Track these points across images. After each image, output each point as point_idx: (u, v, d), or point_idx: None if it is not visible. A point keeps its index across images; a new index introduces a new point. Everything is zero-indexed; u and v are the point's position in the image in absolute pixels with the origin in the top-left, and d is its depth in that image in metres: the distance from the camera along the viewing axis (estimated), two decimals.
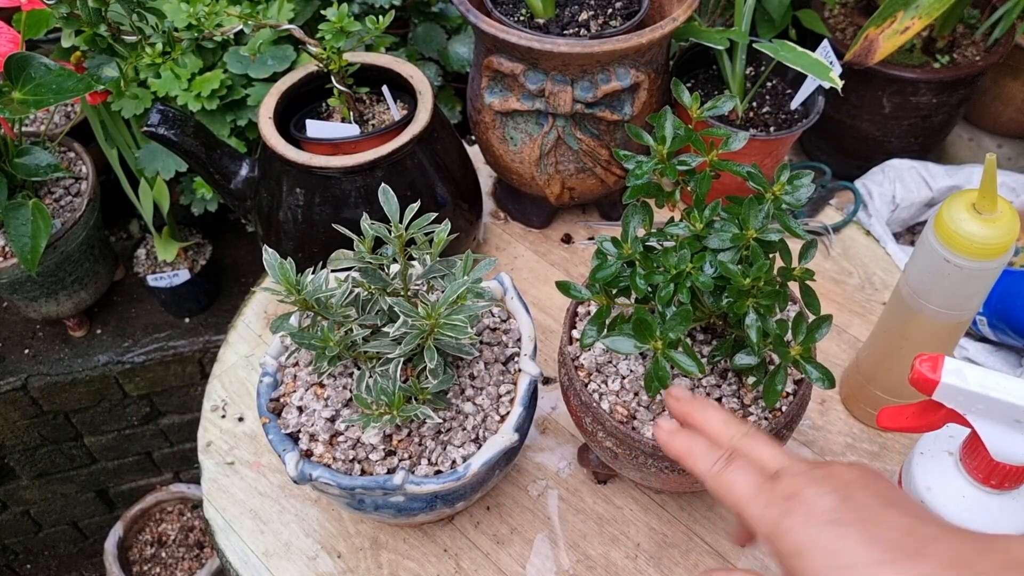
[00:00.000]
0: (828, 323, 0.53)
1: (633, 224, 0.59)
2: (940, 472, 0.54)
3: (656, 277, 0.55)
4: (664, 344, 0.52)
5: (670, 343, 0.53)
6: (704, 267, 0.55)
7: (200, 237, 1.24)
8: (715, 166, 0.58)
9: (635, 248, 0.57)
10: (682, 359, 0.52)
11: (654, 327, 0.52)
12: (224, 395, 0.88)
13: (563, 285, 0.58)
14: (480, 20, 0.79)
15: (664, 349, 0.53)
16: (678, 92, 0.61)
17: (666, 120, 0.58)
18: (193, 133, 0.79)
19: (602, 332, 0.58)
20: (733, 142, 0.57)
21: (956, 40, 1.07)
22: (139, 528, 1.47)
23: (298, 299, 0.60)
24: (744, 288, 0.53)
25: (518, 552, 0.74)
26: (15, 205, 0.94)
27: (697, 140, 0.58)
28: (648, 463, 0.62)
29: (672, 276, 0.55)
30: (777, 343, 0.54)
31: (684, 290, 0.55)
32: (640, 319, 0.53)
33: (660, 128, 0.58)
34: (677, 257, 0.55)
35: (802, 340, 0.54)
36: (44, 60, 0.82)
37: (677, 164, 0.58)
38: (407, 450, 0.64)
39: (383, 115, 0.87)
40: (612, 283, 0.58)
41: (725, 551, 0.73)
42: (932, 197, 1.03)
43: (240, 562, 0.75)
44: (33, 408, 1.26)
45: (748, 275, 0.53)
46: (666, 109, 0.59)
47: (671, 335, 0.52)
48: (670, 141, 0.57)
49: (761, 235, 0.55)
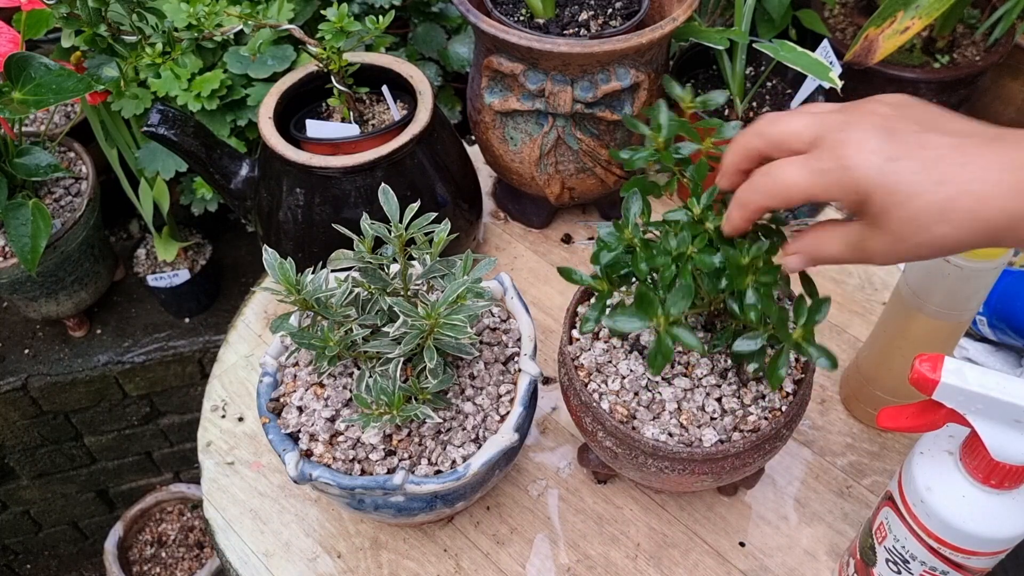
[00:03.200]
0: (827, 304, 0.53)
1: (634, 210, 0.59)
2: (940, 472, 0.54)
3: (658, 260, 0.56)
4: (667, 320, 0.53)
5: (673, 320, 0.53)
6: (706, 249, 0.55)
7: (200, 237, 1.25)
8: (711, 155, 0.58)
9: (635, 234, 0.58)
10: (685, 335, 0.53)
11: (656, 303, 0.53)
12: (224, 395, 0.88)
13: (565, 271, 0.58)
14: (480, 20, 0.79)
15: (667, 325, 0.53)
16: (669, 87, 0.62)
17: (660, 111, 0.59)
18: (193, 133, 0.79)
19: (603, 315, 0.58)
20: (725, 130, 0.58)
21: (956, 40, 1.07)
22: (139, 528, 1.47)
23: (298, 299, 0.60)
24: (743, 265, 0.54)
25: (518, 552, 0.74)
26: (15, 205, 0.94)
27: (690, 129, 0.59)
28: (648, 463, 0.62)
29: (674, 258, 0.55)
30: (779, 325, 0.54)
31: (686, 273, 0.55)
32: (642, 295, 0.53)
33: (655, 118, 0.59)
34: (678, 240, 0.56)
35: (803, 322, 0.54)
36: (44, 60, 0.83)
37: (673, 152, 0.59)
38: (407, 450, 0.64)
39: (383, 115, 0.87)
40: (614, 268, 0.58)
41: (725, 551, 0.73)
42: None
43: (240, 562, 0.75)
44: (33, 408, 1.26)
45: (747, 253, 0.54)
46: (660, 102, 0.60)
47: (673, 311, 0.53)
48: (665, 130, 0.58)
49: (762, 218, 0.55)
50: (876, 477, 0.77)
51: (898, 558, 0.58)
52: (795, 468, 0.78)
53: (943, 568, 0.56)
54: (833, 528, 0.74)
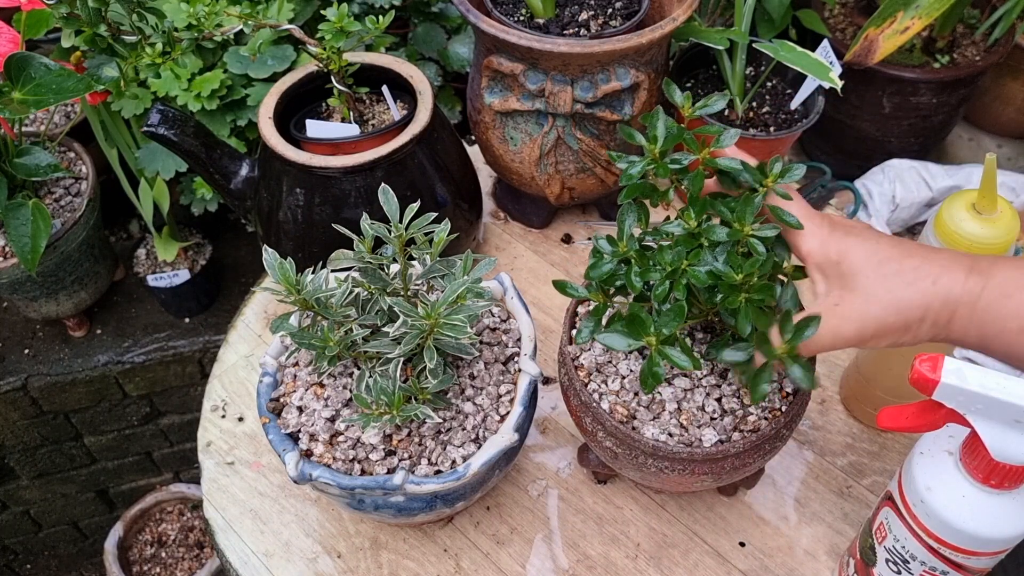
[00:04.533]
0: (816, 323, 0.53)
1: (628, 222, 0.59)
2: (940, 472, 0.54)
3: (651, 274, 0.56)
4: (658, 340, 0.53)
5: (664, 339, 0.53)
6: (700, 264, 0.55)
7: (200, 237, 1.24)
8: (708, 163, 0.58)
9: (631, 246, 0.58)
10: (676, 355, 0.53)
11: (648, 323, 0.53)
12: (224, 395, 0.88)
13: (560, 284, 0.58)
14: (480, 20, 0.79)
15: (658, 345, 0.53)
16: (670, 92, 0.61)
17: (658, 119, 0.58)
18: (193, 133, 0.79)
19: (598, 329, 0.58)
20: (724, 138, 0.58)
21: (956, 40, 1.07)
22: (139, 528, 1.47)
23: (298, 299, 0.60)
24: (736, 283, 0.54)
25: (518, 552, 0.74)
26: (15, 205, 0.94)
27: (688, 138, 0.58)
28: (648, 463, 0.62)
29: (667, 273, 0.55)
30: (760, 341, 0.54)
31: (680, 287, 0.55)
32: (634, 315, 0.53)
33: (652, 128, 0.58)
34: (672, 254, 0.56)
35: (789, 339, 0.54)
36: (44, 60, 0.82)
37: (669, 163, 0.58)
38: (407, 450, 0.64)
39: (383, 115, 0.87)
40: (608, 281, 0.58)
41: (725, 551, 0.73)
42: (932, 197, 1.03)
43: (240, 562, 0.75)
44: (33, 408, 1.26)
45: (741, 270, 0.54)
46: (658, 109, 0.59)
47: (665, 331, 0.53)
48: (662, 140, 0.58)
49: (756, 231, 0.55)
50: (876, 477, 0.77)
51: (898, 558, 0.58)
52: (795, 468, 0.78)
53: (943, 568, 0.56)
54: (833, 528, 0.74)
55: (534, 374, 0.66)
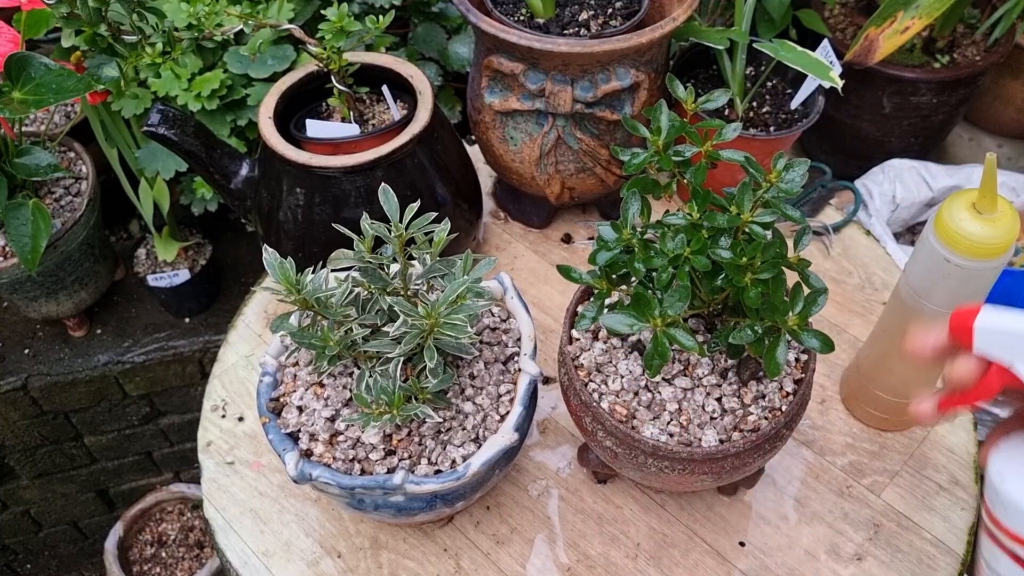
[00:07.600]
0: (825, 294, 0.53)
1: (632, 210, 0.59)
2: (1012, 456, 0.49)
3: (655, 261, 0.56)
4: (663, 322, 0.53)
5: (670, 321, 0.53)
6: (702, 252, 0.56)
7: (200, 237, 1.24)
8: (711, 156, 0.58)
9: (634, 234, 0.58)
10: (682, 336, 0.53)
11: (653, 304, 0.53)
12: (224, 395, 0.88)
13: (564, 268, 0.58)
14: (480, 20, 0.79)
15: (663, 327, 0.53)
16: (673, 87, 0.61)
17: (661, 113, 0.59)
18: (193, 133, 0.79)
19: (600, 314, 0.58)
20: (726, 132, 0.58)
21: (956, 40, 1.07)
22: (139, 528, 1.47)
23: (298, 299, 0.60)
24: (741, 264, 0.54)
25: (518, 552, 0.74)
26: (15, 205, 0.94)
27: (691, 131, 0.58)
28: (648, 463, 0.62)
29: (671, 259, 0.55)
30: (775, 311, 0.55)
31: (683, 274, 0.55)
32: (639, 295, 0.53)
33: (656, 120, 0.59)
34: (675, 242, 0.56)
35: (800, 311, 0.54)
36: (44, 60, 0.82)
37: (672, 155, 0.58)
38: (407, 450, 0.64)
39: (383, 115, 0.87)
40: (611, 267, 0.58)
41: (725, 551, 0.73)
42: (932, 197, 1.03)
43: (240, 562, 0.75)
44: (33, 408, 1.26)
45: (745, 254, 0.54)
46: (661, 102, 0.60)
47: (671, 312, 0.53)
48: (665, 132, 0.58)
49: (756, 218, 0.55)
50: (876, 477, 0.77)
51: None
52: (795, 468, 0.78)
53: None
54: (833, 528, 0.74)
55: (534, 374, 0.66)
